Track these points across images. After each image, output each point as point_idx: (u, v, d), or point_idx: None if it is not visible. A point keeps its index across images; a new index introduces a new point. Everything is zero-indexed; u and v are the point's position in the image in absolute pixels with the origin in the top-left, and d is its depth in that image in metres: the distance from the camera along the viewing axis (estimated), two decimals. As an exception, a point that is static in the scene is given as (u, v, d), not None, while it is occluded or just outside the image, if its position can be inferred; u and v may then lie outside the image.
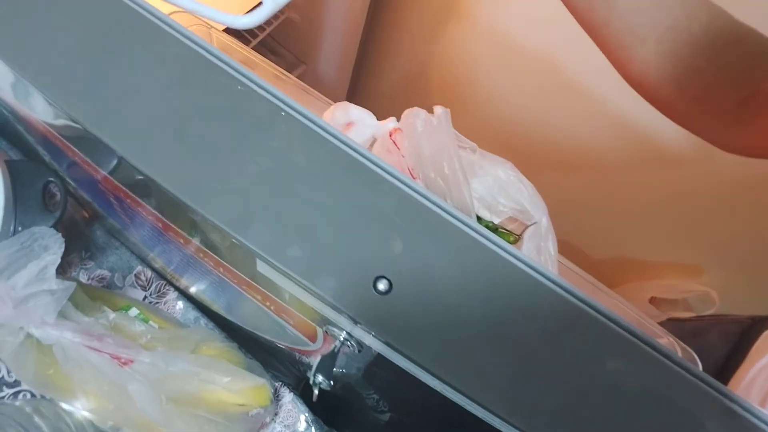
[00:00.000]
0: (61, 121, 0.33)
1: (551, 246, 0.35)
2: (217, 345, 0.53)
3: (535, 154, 1.01)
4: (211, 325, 0.59)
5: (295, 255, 0.23)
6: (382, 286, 0.23)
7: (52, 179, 0.46)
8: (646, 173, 0.91)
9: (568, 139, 0.94)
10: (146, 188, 0.36)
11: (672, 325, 0.53)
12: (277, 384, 0.57)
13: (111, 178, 0.39)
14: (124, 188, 0.40)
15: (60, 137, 0.38)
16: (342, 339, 0.28)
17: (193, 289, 0.59)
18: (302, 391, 0.59)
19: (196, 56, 0.27)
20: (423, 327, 0.24)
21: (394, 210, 0.25)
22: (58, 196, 0.46)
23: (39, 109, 0.35)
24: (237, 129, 0.25)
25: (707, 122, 0.39)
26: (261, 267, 0.26)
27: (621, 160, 0.92)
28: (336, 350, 0.28)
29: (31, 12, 0.28)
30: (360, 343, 0.28)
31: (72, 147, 0.39)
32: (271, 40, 1.20)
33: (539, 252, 0.35)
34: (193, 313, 0.60)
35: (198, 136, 0.25)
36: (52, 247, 0.39)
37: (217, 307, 0.58)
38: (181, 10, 0.47)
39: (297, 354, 0.50)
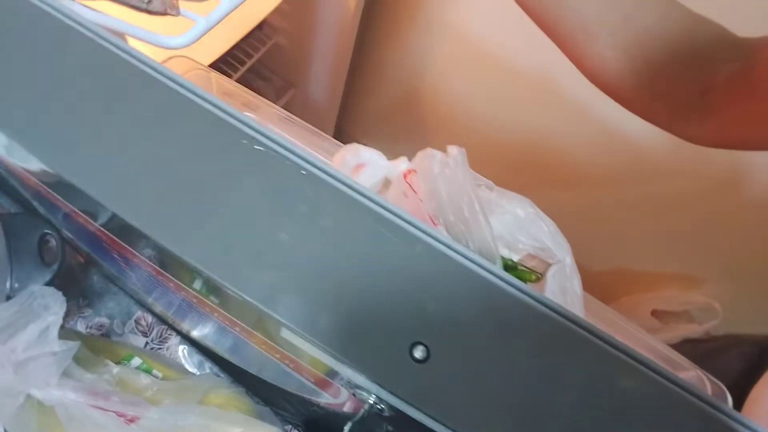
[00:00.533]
0: (54, 180, 0.32)
1: (576, 285, 0.34)
2: (225, 392, 0.51)
3: (532, 169, 1.01)
4: (216, 369, 0.57)
5: (326, 326, 0.22)
6: (419, 353, 0.22)
7: (48, 231, 0.44)
8: (642, 184, 0.91)
9: (564, 153, 0.94)
10: (149, 245, 0.35)
11: (688, 348, 0.52)
12: (287, 428, 0.55)
13: (108, 233, 0.37)
14: (122, 243, 0.38)
15: (53, 194, 0.37)
16: (372, 402, 0.26)
17: (195, 333, 0.57)
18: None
19: (204, 112, 0.25)
20: (462, 394, 0.22)
21: (426, 269, 0.23)
22: (56, 248, 0.44)
23: (33, 167, 0.33)
24: (256, 192, 0.24)
25: (669, 115, 0.39)
26: (286, 334, 0.24)
27: (617, 171, 0.92)
28: (365, 414, 0.26)
29: (15, 66, 0.27)
30: (392, 407, 0.26)
31: (67, 203, 0.37)
32: (259, 66, 1.19)
33: (564, 292, 0.34)
34: (196, 357, 0.58)
35: (215, 202, 0.24)
36: (52, 306, 0.37)
37: (221, 350, 0.56)
38: (174, 54, 0.46)
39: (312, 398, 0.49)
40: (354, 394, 0.27)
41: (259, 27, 1.05)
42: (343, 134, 1.34)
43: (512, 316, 0.24)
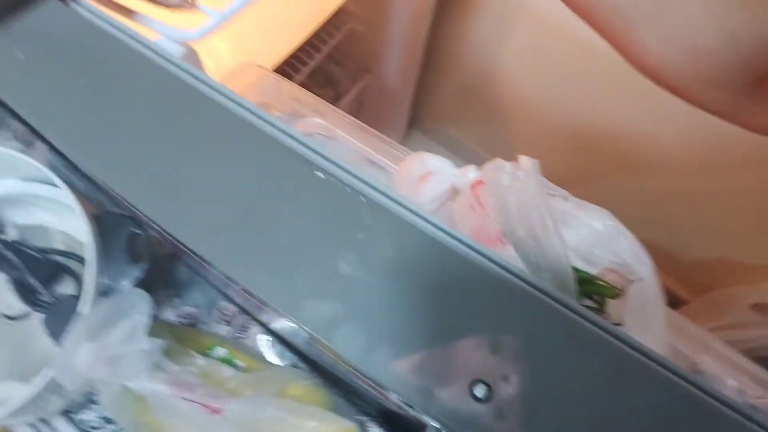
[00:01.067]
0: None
1: (660, 305, 0.32)
2: (302, 384, 0.53)
3: (615, 155, 0.95)
4: (295, 359, 0.59)
5: (383, 361, 0.22)
6: (480, 391, 0.22)
7: (136, 230, 0.47)
8: (744, 172, 0.83)
9: (650, 139, 0.88)
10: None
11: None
12: (363, 419, 0.56)
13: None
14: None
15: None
16: (436, 428, 0.26)
17: (272, 325, 0.59)
18: (389, 424, 0.58)
19: (266, 136, 0.26)
20: None
21: (493, 301, 0.23)
22: (143, 246, 0.47)
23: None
24: (315, 218, 0.24)
25: (733, 105, 0.36)
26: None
27: (710, 159, 0.85)
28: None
29: (80, 87, 0.28)
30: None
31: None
32: (335, 51, 1.19)
33: (646, 312, 0.31)
34: (277, 347, 0.60)
35: (273, 227, 0.24)
36: (140, 305, 0.40)
37: (297, 342, 0.58)
38: (245, 61, 0.47)
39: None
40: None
41: (335, 13, 1.05)
42: (416, 119, 1.32)
43: (586, 352, 0.23)
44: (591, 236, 0.33)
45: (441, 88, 1.23)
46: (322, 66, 1.14)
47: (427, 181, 0.34)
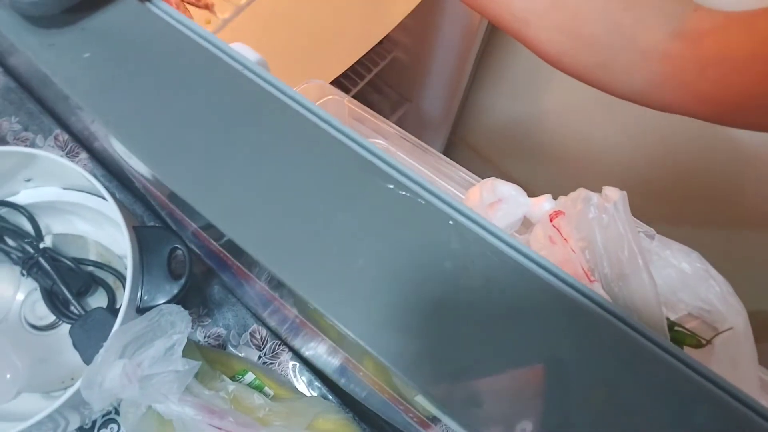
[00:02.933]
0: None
1: (752, 358, 0.29)
2: (333, 418, 0.50)
3: (671, 198, 0.91)
4: (324, 389, 0.56)
5: (476, 408, 0.19)
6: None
7: (177, 246, 0.45)
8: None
9: (727, 189, 0.83)
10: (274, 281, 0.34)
11: None
12: (393, 460, 0.53)
13: (225, 252, 0.37)
14: (238, 263, 0.38)
15: (179, 212, 0.37)
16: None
17: (305, 352, 0.57)
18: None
19: (343, 148, 0.24)
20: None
21: (599, 350, 0.20)
22: (183, 262, 0.45)
23: (161, 187, 0.34)
24: (397, 240, 0.22)
25: (618, 86, 0.40)
26: (422, 401, 0.22)
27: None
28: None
29: (154, 92, 0.26)
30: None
31: (190, 222, 0.37)
32: (376, 79, 1.19)
33: (736, 365, 0.28)
34: (306, 375, 0.57)
35: (349, 247, 0.22)
36: (178, 324, 0.38)
37: (330, 371, 0.55)
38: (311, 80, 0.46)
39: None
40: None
41: (380, 41, 1.05)
42: (453, 151, 1.31)
43: (695, 405, 0.20)
44: (678, 279, 0.30)
45: (482, 122, 1.22)
46: (362, 92, 1.13)
47: (497, 209, 0.32)
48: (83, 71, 0.25)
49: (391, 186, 0.21)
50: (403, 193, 0.22)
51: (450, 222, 0.21)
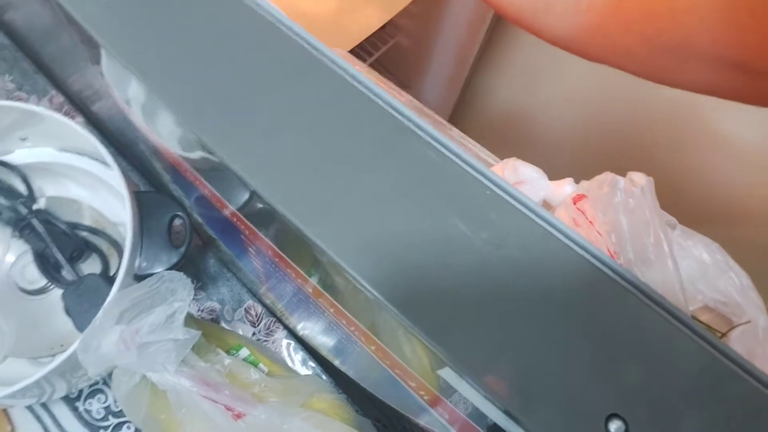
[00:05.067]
0: (199, 155, 0.30)
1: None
2: (328, 397, 0.50)
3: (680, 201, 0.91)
4: (318, 369, 0.56)
5: (507, 380, 0.18)
6: (615, 428, 0.18)
7: (178, 213, 0.44)
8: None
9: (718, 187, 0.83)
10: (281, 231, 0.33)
11: None
12: (386, 443, 0.53)
13: (242, 216, 0.36)
14: (252, 226, 0.37)
15: (194, 170, 0.36)
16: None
17: (301, 329, 0.56)
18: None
19: (377, 109, 0.23)
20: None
21: (631, 328, 0.19)
22: (184, 230, 0.44)
23: (177, 143, 0.33)
24: (430, 206, 0.21)
25: (550, 32, 0.40)
26: (447, 374, 0.21)
27: None
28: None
29: (189, 40, 0.25)
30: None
31: (207, 184, 0.36)
32: (376, 64, 1.18)
33: (753, 358, 0.28)
34: (300, 354, 0.57)
35: (383, 207, 0.21)
36: (180, 292, 0.37)
37: (325, 351, 0.55)
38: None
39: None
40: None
41: (382, 26, 1.04)
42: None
43: (731, 394, 0.20)
44: (697, 269, 0.30)
45: (482, 111, 1.21)
46: (362, 76, 1.11)
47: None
48: (109, 11, 0.24)
49: (430, 152, 0.21)
50: (439, 159, 0.21)
51: (487, 192, 0.21)
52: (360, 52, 1.06)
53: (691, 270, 0.30)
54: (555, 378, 0.19)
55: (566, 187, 0.31)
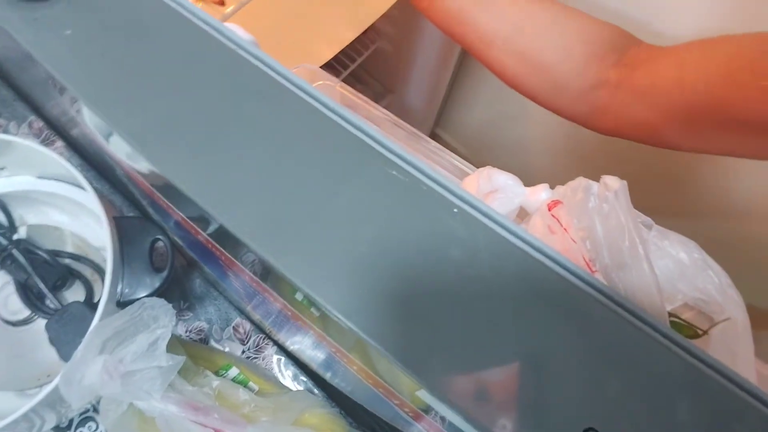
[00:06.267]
0: (165, 184, 0.30)
1: (749, 349, 0.29)
2: (319, 412, 0.49)
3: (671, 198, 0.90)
4: (310, 383, 0.55)
5: (482, 397, 0.18)
6: (592, 441, 0.18)
7: (159, 237, 0.44)
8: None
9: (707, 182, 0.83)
10: (252, 257, 0.33)
11: None
12: (381, 456, 0.52)
13: (213, 242, 0.36)
14: (225, 252, 0.37)
15: (164, 198, 0.36)
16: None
17: (290, 345, 0.56)
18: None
19: (340, 130, 0.23)
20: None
21: (604, 338, 0.19)
22: (166, 254, 0.44)
23: (146, 172, 0.32)
24: (398, 227, 0.21)
25: (568, 109, 0.44)
26: (424, 395, 0.21)
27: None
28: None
29: (144, 70, 0.25)
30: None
31: (177, 211, 0.36)
32: (359, 69, 1.17)
33: (734, 355, 0.28)
34: (291, 369, 0.56)
35: (351, 228, 0.21)
36: (162, 318, 0.36)
37: (316, 366, 0.54)
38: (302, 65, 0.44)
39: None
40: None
41: (364, 31, 1.04)
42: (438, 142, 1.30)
43: (711, 401, 0.20)
44: (675, 269, 0.30)
45: (465, 115, 1.21)
46: (345, 82, 1.11)
47: (493, 199, 0.31)
48: (67, 47, 0.24)
49: (395, 172, 0.21)
50: (406, 179, 0.21)
51: (455, 210, 0.20)
52: (342, 58, 1.06)
53: (670, 269, 0.30)
54: (531, 392, 0.19)
55: (541, 194, 0.31)
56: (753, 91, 0.32)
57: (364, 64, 1.11)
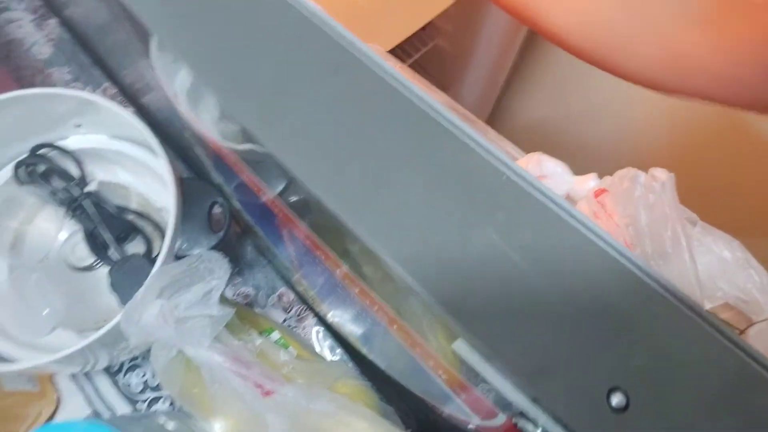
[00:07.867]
0: (242, 143, 0.32)
1: (787, 350, 0.29)
2: (353, 383, 0.51)
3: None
4: (345, 356, 0.58)
5: (516, 353, 0.20)
6: (617, 400, 0.19)
7: (218, 200, 0.46)
8: None
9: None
10: (317, 220, 0.35)
11: None
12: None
13: (281, 204, 0.38)
14: (290, 214, 0.39)
15: (235, 157, 0.38)
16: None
17: (331, 317, 0.58)
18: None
19: (399, 96, 0.24)
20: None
21: (636, 307, 0.20)
22: (223, 216, 0.47)
23: (218, 130, 0.35)
24: (449, 189, 0.22)
25: (634, 73, 0.38)
26: (460, 347, 0.23)
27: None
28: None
29: (233, 34, 0.27)
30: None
31: (247, 169, 0.38)
32: (414, 65, 1.19)
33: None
34: (329, 341, 0.58)
35: (407, 190, 0.22)
36: (217, 271, 0.39)
37: (353, 338, 0.57)
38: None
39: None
40: (515, 424, 0.25)
41: (423, 27, 1.05)
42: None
43: (732, 377, 0.21)
44: (717, 266, 0.30)
45: (518, 116, 1.22)
46: (401, 77, 1.13)
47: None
48: (161, 5, 0.26)
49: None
50: (467, 141, 0.22)
51: (503, 177, 0.22)
52: (399, 53, 1.07)
53: (711, 266, 0.30)
54: (562, 353, 0.20)
55: (589, 182, 0.32)
56: None
57: (420, 60, 1.13)
